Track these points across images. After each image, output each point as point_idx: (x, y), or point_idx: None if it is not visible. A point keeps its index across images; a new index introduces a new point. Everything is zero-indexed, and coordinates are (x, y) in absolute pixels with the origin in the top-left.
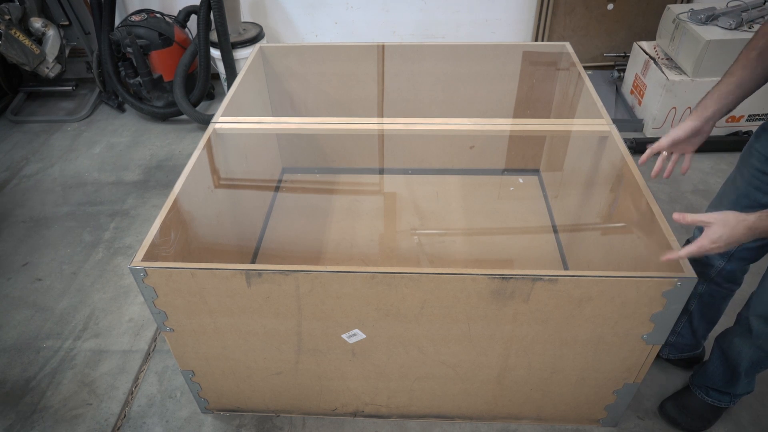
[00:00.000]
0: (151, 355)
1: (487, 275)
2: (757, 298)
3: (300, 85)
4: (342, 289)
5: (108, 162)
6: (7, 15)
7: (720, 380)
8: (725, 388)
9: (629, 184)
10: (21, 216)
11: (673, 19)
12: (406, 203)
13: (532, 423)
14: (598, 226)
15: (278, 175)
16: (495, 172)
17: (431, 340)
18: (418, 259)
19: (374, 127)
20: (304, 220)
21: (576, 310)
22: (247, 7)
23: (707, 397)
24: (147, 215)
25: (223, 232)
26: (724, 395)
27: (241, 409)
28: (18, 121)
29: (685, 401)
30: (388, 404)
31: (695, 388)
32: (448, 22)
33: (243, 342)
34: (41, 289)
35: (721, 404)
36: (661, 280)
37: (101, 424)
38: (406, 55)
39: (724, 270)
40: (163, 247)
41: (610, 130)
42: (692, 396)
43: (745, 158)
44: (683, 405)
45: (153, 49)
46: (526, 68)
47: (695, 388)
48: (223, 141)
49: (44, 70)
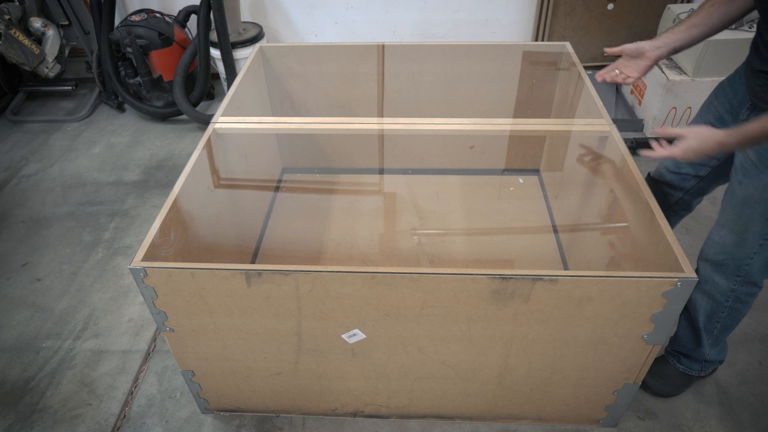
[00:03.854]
0: (150, 355)
1: (487, 275)
2: (706, 243)
3: (300, 85)
4: (342, 289)
5: (108, 162)
6: (6, 15)
7: (688, 344)
8: (694, 353)
9: (629, 184)
10: (20, 216)
11: (673, 19)
12: (406, 203)
13: (532, 423)
14: (598, 226)
15: (278, 175)
16: (495, 172)
17: (431, 340)
18: (418, 259)
19: (374, 127)
20: (304, 220)
21: (576, 310)
22: (247, 7)
23: (679, 365)
24: (147, 215)
25: (223, 232)
26: (695, 362)
27: (241, 409)
28: (17, 121)
29: (659, 368)
30: (388, 404)
31: (669, 355)
32: (448, 22)
33: (243, 342)
34: (41, 289)
35: (692, 372)
36: (661, 280)
37: (101, 425)
38: (406, 55)
39: (682, 200)
40: (163, 247)
41: (610, 130)
42: (666, 363)
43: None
44: (656, 371)
45: (153, 49)
46: (526, 68)
47: (669, 356)
48: (223, 141)
49: (44, 69)
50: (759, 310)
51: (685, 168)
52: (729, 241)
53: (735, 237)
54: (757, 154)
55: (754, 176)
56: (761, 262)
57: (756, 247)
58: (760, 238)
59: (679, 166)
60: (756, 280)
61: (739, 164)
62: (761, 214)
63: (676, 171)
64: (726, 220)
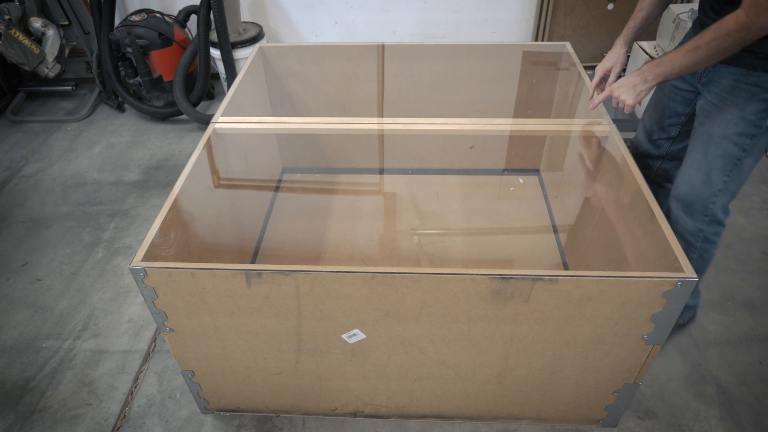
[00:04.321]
0: (150, 356)
1: (487, 275)
2: (676, 184)
3: (300, 85)
4: (342, 289)
5: (108, 162)
6: (6, 15)
7: None
8: None
9: (629, 184)
10: (20, 216)
11: (673, 19)
12: (406, 203)
13: (532, 423)
14: (598, 226)
15: (278, 175)
16: (495, 172)
17: (431, 340)
18: (418, 259)
19: (374, 127)
20: (304, 220)
21: (576, 310)
22: (247, 7)
23: None
24: (147, 215)
25: (223, 232)
26: None
27: (241, 409)
28: (17, 121)
29: None
30: (388, 404)
31: None
32: (448, 22)
33: (243, 342)
34: (41, 289)
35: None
36: (661, 280)
37: (101, 425)
38: (406, 55)
39: (661, 168)
40: (163, 247)
41: (610, 130)
42: None
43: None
44: None
45: (153, 49)
46: (526, 68)
47: None
48: (223, 141)
49: (44, 69)
50: (759, 310)
51: (657, 133)
52: (696, 180)
53: (702, 175)
54: (716, 97)
55: (715, 116)
56: (724, 200)
57: (720, 184)
58: (724, 176)
59: (651, 132)
60: (721, 219)
61: (700, 108)
62: (724, 150)
63: (650, 139)
64: (693, 160)
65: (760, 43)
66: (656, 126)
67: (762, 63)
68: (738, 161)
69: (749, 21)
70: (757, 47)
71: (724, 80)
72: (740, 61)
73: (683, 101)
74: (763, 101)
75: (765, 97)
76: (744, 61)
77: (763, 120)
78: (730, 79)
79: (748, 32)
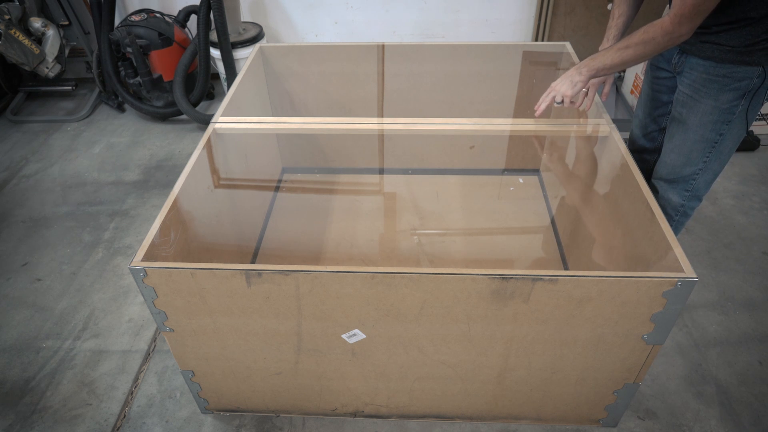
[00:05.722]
0: (150, 355)
1: (487, 275)
2: (659, 165)
3: (300, 85)
4: (342, 289)
5: (108, 162)
6: (6, 15)
7: None
8: None
9: (629, 184)
10: (20, 216)
11: None
12: (406, 203)
13: (532, 423)
14: (598, 226)
15: (278, 175)
16: (495, 172)
17: (431, 340)
18: (418, 259)
19: (374, 127)
20: (304, 220)
21: (576, 310)
22: (247, 7)
23: None
24: (147, 215)
25: (223, 232)
26: None
27: (241, 409)
28: (17, 121)
29: None
30: (388, 404)
31: None
32: (448, 22)
33: (243, 342)
34: (41, 289)
35: None
36: (661, 280)
37: (101, 425)
38: (406, 55)
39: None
40: (163, 247)
41: (610, 130)
42: None
43: (647, 74)
44: None
45: (153, 49)
46: (526, 68)
47: None
48: (223, 141)
49: (44, 69)
50: (759, 310)
51: (650, 125)
52: (678, 162)
53: (682, 158)
54: (690, 88)
55: (691, 106)
56: (707, 177)
57: (701, 164)
58: (704, 156)
59: (645, 125)
60: (701, 195)
61: (676, 98)
62: (701, 136)
63: (644, 133)
64: (673, 145)
65: (728, 36)
66: (648, 118)
67: (729, 55)
68: (716, 143)
69: (672, 29)
70: (725, 40)
71: (695, 72)
72: (710, 54)
73: (667, 90)
74: (734, 90)
75: (735, 86)
76: (713, 54)
77: (735, 107)
78: (701, 71)
79: (671, 38)
